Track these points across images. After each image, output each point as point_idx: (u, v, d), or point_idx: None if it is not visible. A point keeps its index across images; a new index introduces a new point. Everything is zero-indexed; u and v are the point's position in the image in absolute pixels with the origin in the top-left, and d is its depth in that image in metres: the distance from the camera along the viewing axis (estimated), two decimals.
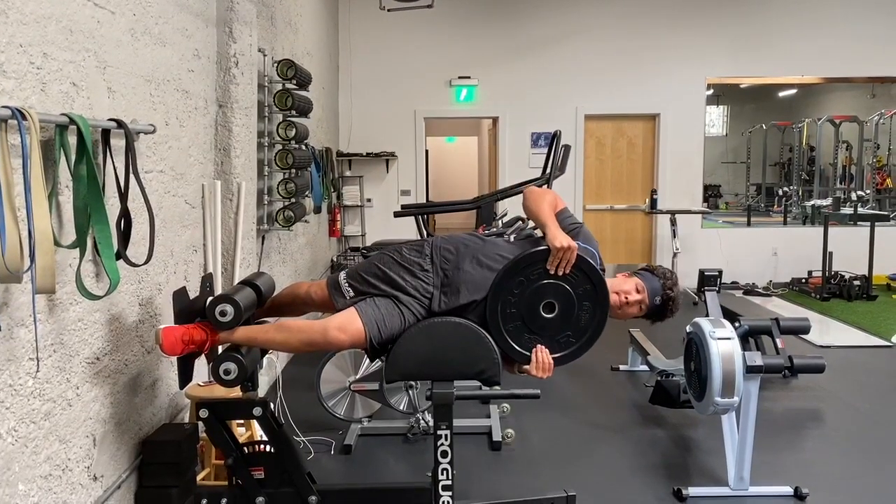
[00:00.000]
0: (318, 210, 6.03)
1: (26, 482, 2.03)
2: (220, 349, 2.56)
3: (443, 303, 2.49)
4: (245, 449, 2.58)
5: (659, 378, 4.06)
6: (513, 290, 2.44)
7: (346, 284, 2.57)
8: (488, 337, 2.46)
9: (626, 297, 2.59)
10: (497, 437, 3.69)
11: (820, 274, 7.75)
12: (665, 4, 8.17)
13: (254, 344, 2.52)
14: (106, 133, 2.40)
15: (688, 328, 3.30)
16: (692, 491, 3.12)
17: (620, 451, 3.67)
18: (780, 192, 12.45)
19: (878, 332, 6.10)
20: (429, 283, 2.50)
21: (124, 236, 2.47)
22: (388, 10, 4.58)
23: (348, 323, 2.44)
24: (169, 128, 3.04)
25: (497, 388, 2.60)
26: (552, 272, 2.42)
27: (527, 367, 2.49)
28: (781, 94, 13.98)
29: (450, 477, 2.47)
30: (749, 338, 4.20)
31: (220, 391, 2.83)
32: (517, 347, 2.48)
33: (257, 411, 2.52)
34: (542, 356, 2.46)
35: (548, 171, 4.94)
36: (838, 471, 3.45)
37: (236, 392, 2.66)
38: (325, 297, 2.64)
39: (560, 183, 5.47)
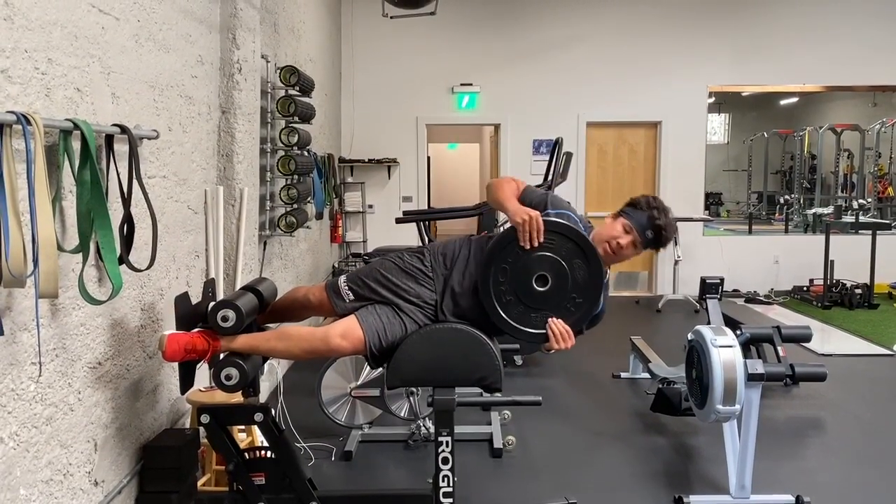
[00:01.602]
0: (319, 216, 6.05)
1: (27, 487, 2.03)
2: (221, 355, 2.56)
3: (447, 309, 2.49)
4: (246, 454, 2.57)
5: (660, 386, 4.05)
6: (499, 278, 2.42)
7: (346, 288, 2.57)
8: (490, 343, 2.46)
9: (618, 242, 2.53)
10: (498, 443, 3.69)
11: (821, 282, 7.74)
12: (667, 13, 8.19)
13: (255, 352, 2.52)
14: (109, 138, 2.41)
15: (689, 336, 3.30)
16: (693, 499, 3.11)
17: (622, 458, 3.66)
18: (782, 200, 12.43)
19: (879, 341, 6.09)
20: (433, 290, 2.50)
21: (127, 241, 2.48)
22: (391, 18, 4.59)
23: (349, 331, 2.44)
24: (172, 133, 3.05)
25: (498, 394, 2.59)
26: (527, 247, 2.39)
27: (548, 344, 2.44)
28: (783, 102, 13.98)
29: (451, 484, 2.46)
30: (750, 346, 4.20)
31: (221, 396, 2.83)
32: (530, 330, 2.44)
33: (258, 417, 2.51)
34: (557, 326, 2.41)
35: (549, 178, 4.95)
36: (840, 479, 3.44)
37: (237, 397, 2.66)
38: (323, 301, 2.64)
39: (562, 190, 5.47)
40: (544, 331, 2.43)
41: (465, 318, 2.50)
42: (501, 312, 2.43)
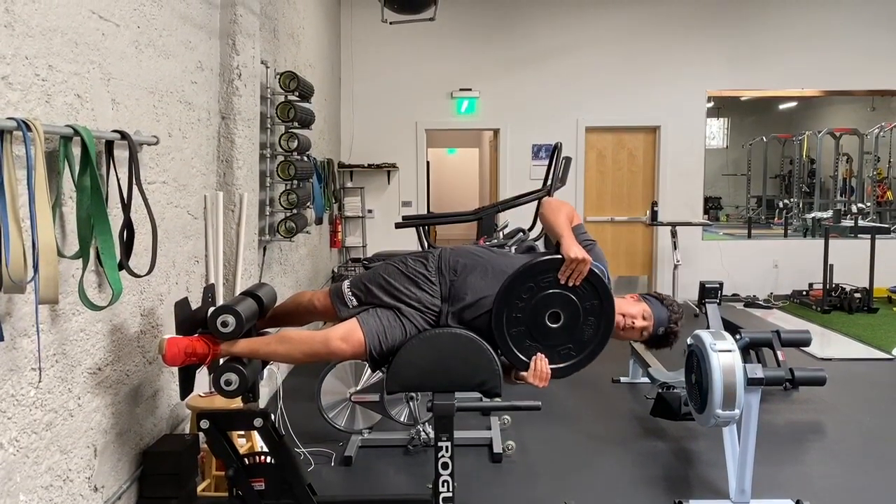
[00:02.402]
0: (319, 221, 6.05)
1: (27, 493, 2.03)
2: (221, 360, 2.56)
3: (451, 315, 2.49)
4: (246, 460, 2.57)
5: (660, 390, 4.05)
6: (521, 294, 2.43)
7: (350, 293, 2.57)
8: (489, 348, 2.46)
9: (632, 322, 2.58)
10: (498, 448, 3.69)
11: (821, 286, 7.74)
12: (666, 18, 8.21)
13: (256, 356, 2.52)
14: (109, 144, 2.41)
15: (689, 340, 3.30)
16: (693, 503, 3.12)
17: (621, 463, 3.66)
18: (781, 205, 12.45)
19: (878, 345, 6.10)
20: (434, 296, 2.50)
21: (127, 247, 2.48)
22: (390, 23, 4.60)
23: (350, 333, 2.45)
24: (172, 139, 3.06)
25: (498, 399, 2.59)
26: (563, 282, 2.41)
27: (524, 373, 2.48)
28: (782, 106, 14.01)
29: (450, 489, 2.46)
30: (750, 350, 4.20)
31: (220, 402, 2.83)
32: (517, 353, 2.47)
33: (258, 422, 2.52)
34: (541, 365, 2.45)
35: (549, 182, 4.95)
36: (840, 483, 3.44)
37: (237, 403, 2.66)
38: (328, 306, 2.64)
39: (561, 195, 5.47)
40: (528, 361, 2.47)
41: (470, 328, 2.50)
42: (504, 325, 2.44)
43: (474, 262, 2.54)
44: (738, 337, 3.56)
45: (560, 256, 2.40)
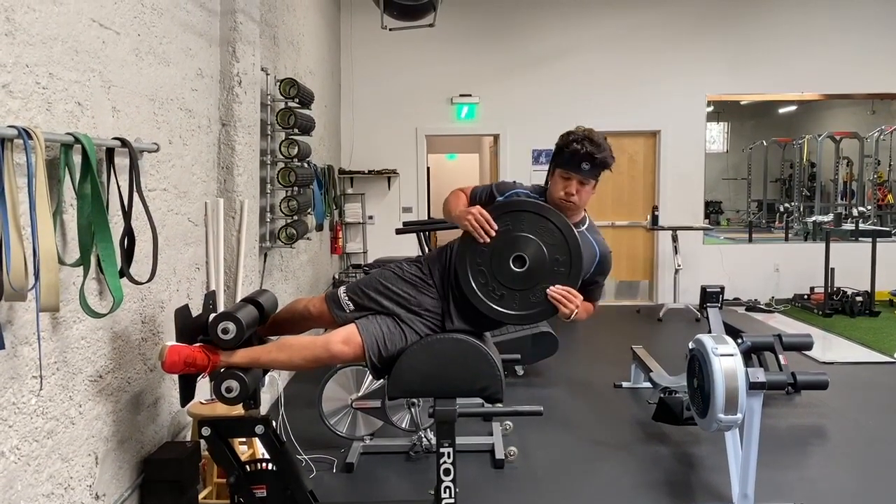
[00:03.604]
0: (320, 227, 6.06)
1: (29, 501, 2.03)
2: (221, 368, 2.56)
3: (454, 315, 2.49)
4: (247, 467, 2.57)
5: (662, 395, 4.04)
6: (480, 281, 2.44)
7: (346, 298, 2.57)
8: (490, 353, 2.46)
9: (565, 191, 2.51)
10: (500, 454, 3.68)
11: (822, 290, 7.74)
12: (665, 22, 8.23)
13: (257, 365, 2.51)
14: (110, 152, 2.42)
15: (690, 345, 3.30)
16: None
17: (624, 468, 3.65)
18: (782, 209, 12.44)
19: (880, 348, 6.08)
20: (435, 298, 2.51)
21: (128, 254, 2.48)
22: (390, 30, 4.60)
23: (350, 337, 2.46)
24: (172, 146, 3.06)
25: (499, 405, 2.59)
26: (487, 240, 2.41)
27: (560, 312, 2.42)
28: (781, 110, 14.02)
29: (452, 495, 2.46)
30: (752, 354, 4.19)
31: (222, 409, 2.83)
32: (535, 311, 2.44)
33: (259, 429, 2.51)
34: (556, 292, 2.40)
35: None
36: (843, 488, 3.43)
37: (238, 410, 2.65)
38: (323, 312, 2.64)
39: None
40: (548, 305, 2.42)
41: (474, 319, 2.50)
42: (500, 308, 2.44)
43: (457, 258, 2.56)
44: (739, 341, 3.56)
45: (464, 232, 2.45)
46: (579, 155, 2.49)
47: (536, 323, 2.54)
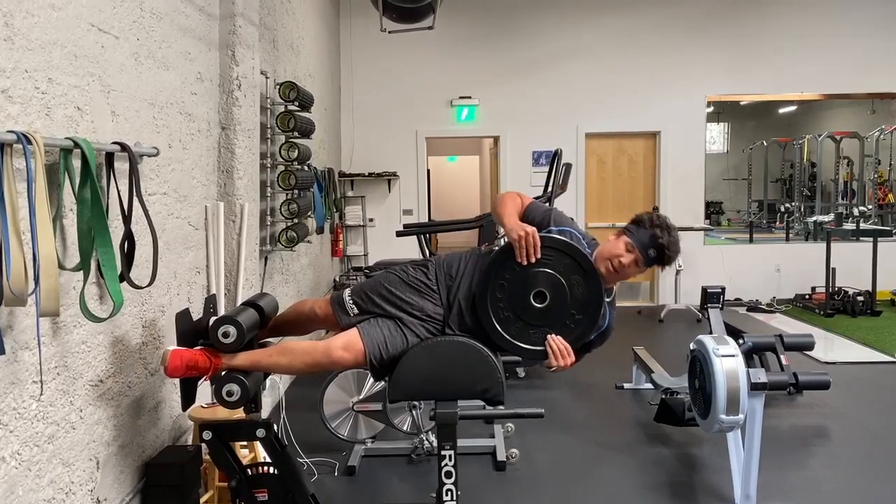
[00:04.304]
0: (320, 230, 6.05)
1: None
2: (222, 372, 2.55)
3: (452, 322, 2.49)
4: (248, 471, 2.56)
5: (663, 396, 4.04)
6: (497, 295, 2.41)
7: (350, 302, 2.57)
8: (491, 356, 2.45)
9: (619, 260, 2.48)
10: (501, 456, 3.67)
11: (823, 290, 7.73)
12: (664, 23, 8.23)
13: (257, 369, 2.51)
14: (110, 156, 2.42)
15: (691, 346, 3.30)
16: None
17: (625, 470, 3.65)
18: (782, 209, 12.44)
19: (882, 348, 6.08)
20: (437, 304, 2.50)
21: (128, 258, 2.48)
22: (389, 32, 4.61)
23: (351, 343, 2.45)
24: (172, 150, 3.06)
25: (501, 407, 2.58)
26: (525, 263, 2.38)
27: (548, 361, 2.42)
28: (781, 110, 14.02)
29: (454, 498, 2.46)
30: (753, 355, 4.18)
31: (223, 413, 2.82)
32: (528, 346, 2.43)
33: (260, 433, 2.51)
34: (555, 343, 2.40)
35: (549, 189, 4.96)
36: (845, 488, 3.42)
37: (239, 414, 2.65)
38: (329, 314, 2.64)
39: (562, 201, 5.48)
40: (543, 348, 2.42)
41: (472, 332, 2.49)
42: (499, 328, 2.43)
43: (467, 266, 2.54)
44: (741, 341, 3.56)
45: (509, 244, 2.39)
46: (654, 240, 2.48)
47: (520, 358, 2.51)
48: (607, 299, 2.52)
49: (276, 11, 4.84)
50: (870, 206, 11.24)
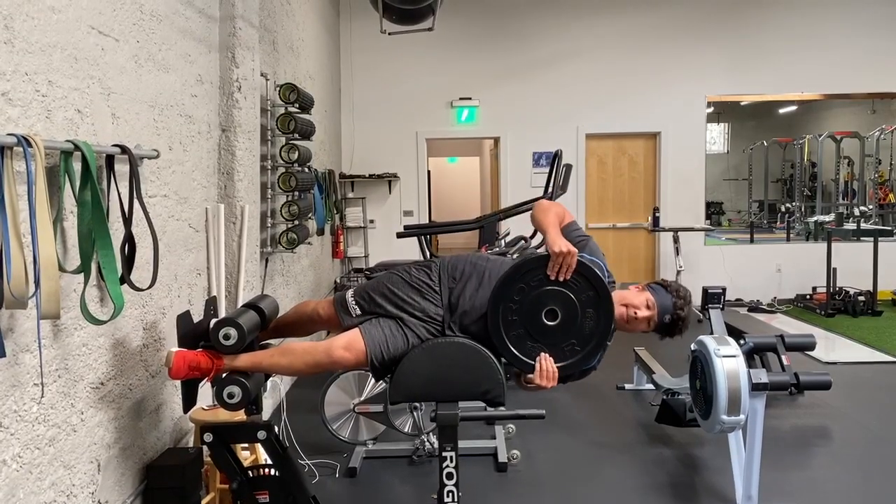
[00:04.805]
0: (321, 232, 6.05)
1: None
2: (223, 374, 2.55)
3: (453, 324, 2.49)
4: (249, 473, 2.56)
5: (665, 397, 4.04)
6: (513, 296, 2.41)
7: (353, 303, 2.57)
8: (492, 357, 2.45)
9: (635, 312, 2.51)
10: (503, 458, 3.67)
11: (824, 290, 7.73)
12: (664, 23, 8.23)
13: (259, 370, 2.51)
14: (110, 158, 2.42)
15: (693, 346, 3.29)
16: None
17: (627, 470, 3.64)
18: (783, 209, 12.45)
19: (883, 348, 6.08)
20: (438, 305, 2.50)
21: (128, 261, 2.48)
22: (389, 34, 4.61)
23: (352, 343, 2.45)
24: (172, 152, 3.07)
25: (502, 408, 2.58)
26: (553, 278, 2.38)
27: (531, 376, 2.43)
28: (782, 110, 14.03)
29: (455, 499, 2.45)
30: (754, 355, 4.19)
31: (224, 415, 2.82)
32: (520, 356, 2.43)
33: (261, 435, 2.51)
34: (546, 364, 2.41)
35: (549, 190, 4.96)
36: (847, 488, 3.42)
37: (240, 416, 2.65)
38: (332, 315, 2.64)
39: (562, 202, 5.46)
40: (533, 363, 2.43)
41: (472, 335, 2.49)
42: (502, 328, 2.42)
43: (472, 269, 2.54)
44: (741, 342, 3.56)
45: (547, 253, 2.38)
46: (674, 310, 2.53)
47: (509, 365, 2.52)
48: (608, 342, 2.52)
49: (276, 13, 4.84)
50: (870, 206, 11.25)
